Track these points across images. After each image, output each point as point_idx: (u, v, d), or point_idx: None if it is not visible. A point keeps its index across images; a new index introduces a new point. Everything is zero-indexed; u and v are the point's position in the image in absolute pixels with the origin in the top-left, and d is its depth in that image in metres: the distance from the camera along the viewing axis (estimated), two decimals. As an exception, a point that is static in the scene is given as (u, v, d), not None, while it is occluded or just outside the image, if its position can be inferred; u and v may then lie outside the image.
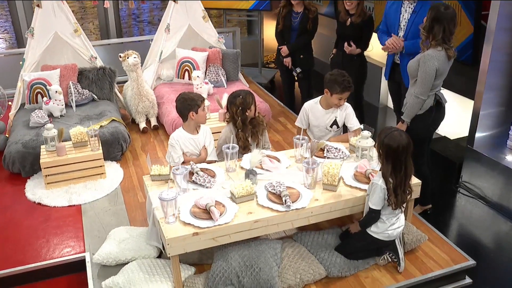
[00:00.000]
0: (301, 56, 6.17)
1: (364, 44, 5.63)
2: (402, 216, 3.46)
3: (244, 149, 4.15)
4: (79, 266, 3.72)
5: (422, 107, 4.14)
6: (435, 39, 3.95)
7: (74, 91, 5.78)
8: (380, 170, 3.31)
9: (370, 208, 3.33)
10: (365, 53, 5.87)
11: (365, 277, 3.44)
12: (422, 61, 4.00)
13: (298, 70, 6.18)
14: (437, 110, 4.19)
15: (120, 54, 5.64)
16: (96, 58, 6.13)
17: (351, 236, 3.57)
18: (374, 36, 6.89)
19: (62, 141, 4.78)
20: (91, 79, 5.96)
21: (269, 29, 8.94)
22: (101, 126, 5.18)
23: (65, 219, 4.29)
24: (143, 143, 5.72)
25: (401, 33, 4.74)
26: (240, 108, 4.06)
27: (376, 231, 3.40)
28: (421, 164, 4.23)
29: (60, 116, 5.52)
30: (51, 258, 3.78)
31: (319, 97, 4.44)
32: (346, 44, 5.52)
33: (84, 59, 6.09)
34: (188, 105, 4.01)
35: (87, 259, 3.69)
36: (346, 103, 4.38)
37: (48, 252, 3.86)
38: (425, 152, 4.37)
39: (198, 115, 4.04)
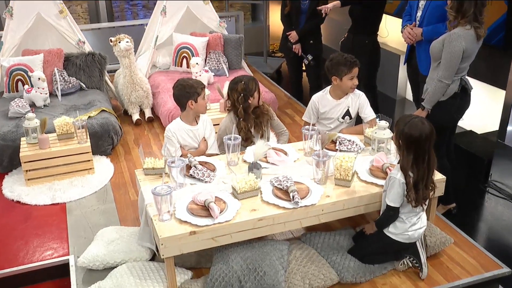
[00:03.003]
0: (311, 41, 6.14)
1: (371, 25, 5.60)
2: (424, 215, 3.41)
3: (246, 141, 4.12)
4: (62, 270, 3.67)
5: (446, 93, 4.09)
6: (465, 17, 3.89)
7: (60, 78, 5.75)
8: (398, 163, 3.27)
9: (387, 205, 3.29)
10: (381, 39, 5.84)
11: (383, 283, 3.39)
12: (448, 41, 3.95)
13: (310, 57, 6.15)
14: (462, 97, 4.14)
15: (111, 38, 5.62)
16: (84, 42, 6.11)
17: (366, 238, 3.53)
18: (391, 20, 6.88)
19: (45, 133, 4.74)
20: (79, 66, 5.93)
21: (275, 15, 8.91)
22: (89, 116, 5.15)
23: (47, 218, 4.26)
24: (136, 136, 5.69)
25: (419, 13, 4.71)
26: (241, 94, 4.03)
27: (394, 232, 3.35)
28: (441, 156, 4.17)
29: (44, 106, 5.50)
30: (30, 262, 3.73)
31: (327, 87, 4.42)
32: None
33: (71, 44, 6.07)
34: (187, 92, 3.96)
35: (71, 263, 3.65)
36: (359, 91, 4.35)
37: (27, 256, 3.82)
38: (444, 143, 4.33)
39: (198, 104, 4.00)
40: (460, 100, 4.14)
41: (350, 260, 3.43)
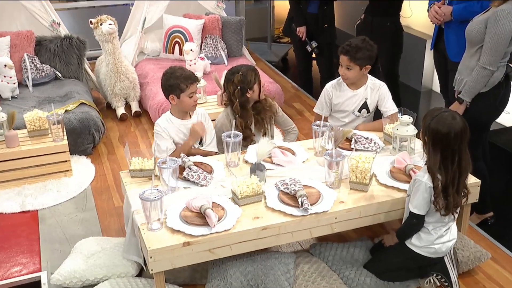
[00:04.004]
0: (325, 25, 6.16)
1: (392, 4, 5.64)
2: (454, 226, 3.42)
3: (244, 140, 4.14)
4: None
5: (488, 83, 4.01)
6: None
7: (31, 66, 5.78)
8: (425, 164, 3.27)
9: (410, 212, 3.30)
10: (404, 21, 5.85)
11: (404, 303, 3.43)
12: (494, 20, 3.82)
13: (314, 44, 6.16)
14: (505, 87, 4.08)
15: (91, 19, 5.63)
16: (59, 24, 6.12)
17: (385, 250, 3.55)
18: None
19: (13, 129, 4.75)
20: (53, 52, 5.96)
21: (281, -6, 8.94)
22: (66, 110, 5.18)
23: (15, 229, 4.27)
24: (121, 133, 5.73)
25: None
26: (238, 87, 4.07)
27: (418, 244, 3.37)
28: (477, 158, 4.15)
29: (12, 97, 5.53)
30: (-6, 281, 3.73)
31: None
32: None
33: (44, 25, 6.07)
34: (169, 86, 3.99)
35: (43, 280, 3.59)
36: (379, 82, 4.38)
37: (-10, 273, 3.83)
38: (481, 142, 4.30)
39: (181, 101, 4.01)
40: (504, 90, 4.08)
41: (366, 276, 3.45)
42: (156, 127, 4.09)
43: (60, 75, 5.97)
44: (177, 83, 3.95)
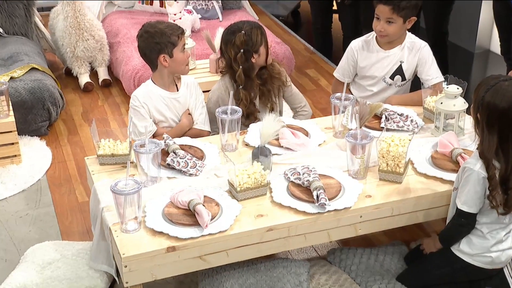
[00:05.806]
0: None
1: None
2: (515, 229, 3.45)
3: (248, 117, 4.23)
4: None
5: None
6: None
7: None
8: (477, 148, 3.28)
9: (458, 209, 3.30)
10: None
11: (450, 328, 3.50)
12: None
13: None
14: None
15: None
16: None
17: (425, 259, 3.60)
18: None
19: None
20: (-9, 0, 5.97)
21: None
22: (12, 77, 5.21)
23: None
24: (86, 108, 5.76)
25: None
26: (241, 50, 4.13)
27: (469, 251, 3.39)
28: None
29: None
30: None
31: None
32: None
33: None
34: (156, 44, 4.02)
35: (-17, 298, 3.66)
36: (420, 41, 4.41)
37: None
38: None
39: (174, 59, 4.07)
40: None
41: (401, 290, 3.53)
42: (133, 101, 4.12)
43: (1, 30, 5.99)
44: (166, 36, 4.00)
